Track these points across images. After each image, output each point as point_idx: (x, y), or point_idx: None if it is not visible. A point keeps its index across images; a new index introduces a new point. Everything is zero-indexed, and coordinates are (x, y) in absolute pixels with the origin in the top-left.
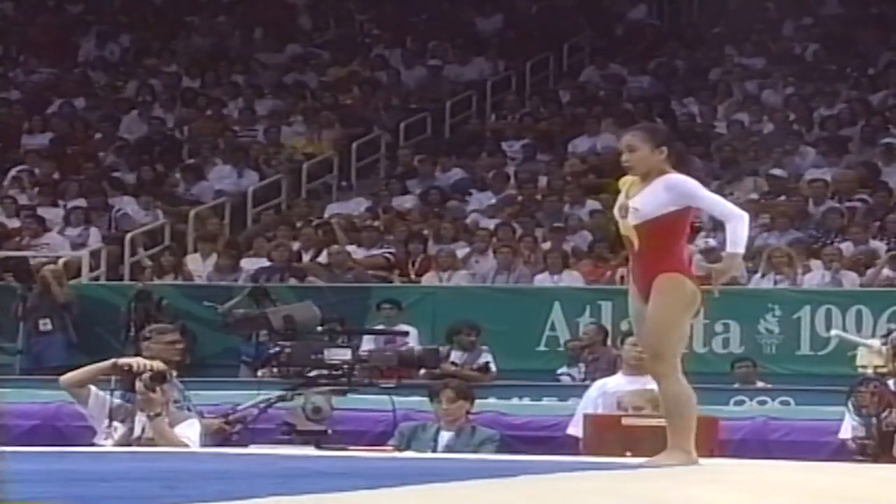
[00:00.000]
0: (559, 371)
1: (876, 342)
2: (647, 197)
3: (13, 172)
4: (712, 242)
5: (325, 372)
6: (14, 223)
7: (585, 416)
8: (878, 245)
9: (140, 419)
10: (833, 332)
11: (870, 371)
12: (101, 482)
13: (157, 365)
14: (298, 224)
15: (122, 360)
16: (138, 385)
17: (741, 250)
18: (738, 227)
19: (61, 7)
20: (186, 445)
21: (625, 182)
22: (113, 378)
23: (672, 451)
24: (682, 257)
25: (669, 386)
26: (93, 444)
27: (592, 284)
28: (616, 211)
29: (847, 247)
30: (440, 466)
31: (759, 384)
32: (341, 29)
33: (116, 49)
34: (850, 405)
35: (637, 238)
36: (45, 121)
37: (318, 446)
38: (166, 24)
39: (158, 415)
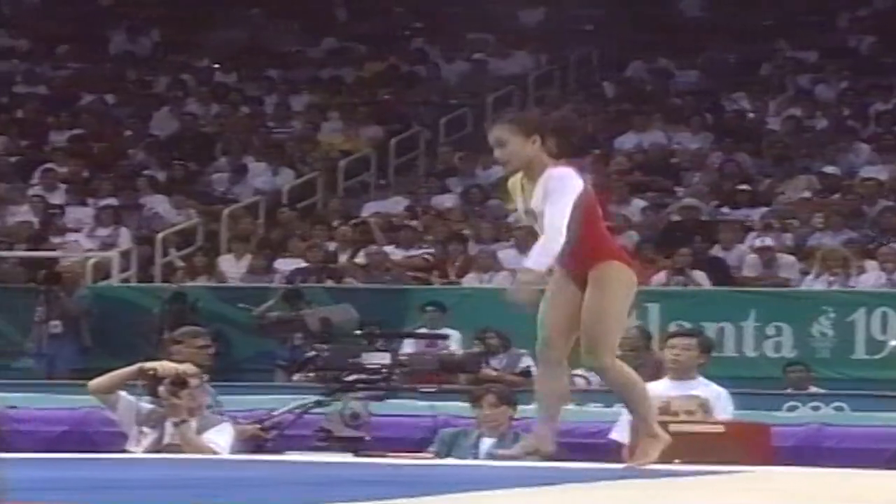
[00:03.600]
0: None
1: None
2: (540, 199)
3: (40, 170)
4: None
5: (362, 376)
6: (42, 222)
7: (632, 423)
8: None
9: (168, 425)
10: (892, 342)
11: None
12: (128, 489)
13: (186, 368)
14: (335, 223)
15: (148, 365)
16: (161, 391)
17: (536, 268)
18: (545, 246)
19: None
20: (214, 452)
21: (514, 184)
22: (138, 383)
23: (646, 442)
24: (609, 243)
25: (616, 376)
26: (124, 451)
27: (639, 286)
28: (523, 216)
29: None
30: (482, 474)
31: (813, 389)
32: (379, 22)
33: (147, 43)
34: None
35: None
36: (74, 117)
37: (356, 453)
38: (198, 17)
39: (184, 421)
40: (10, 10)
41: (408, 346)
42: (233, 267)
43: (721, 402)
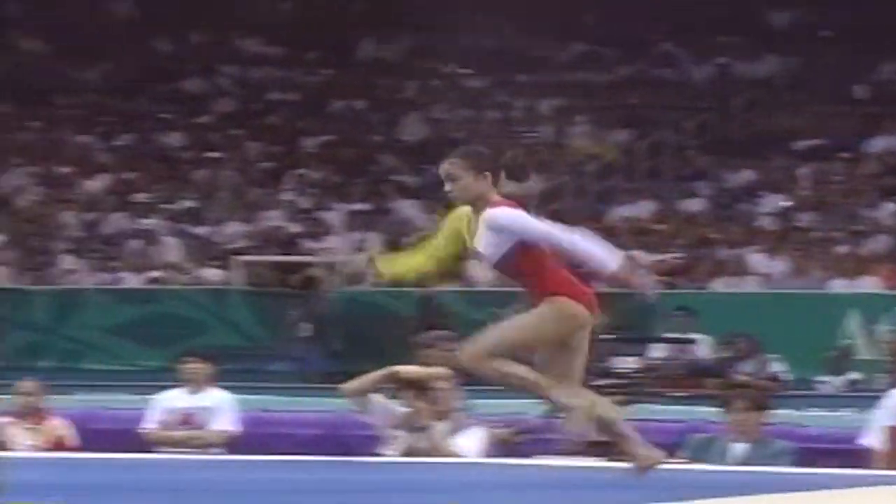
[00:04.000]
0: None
1: None
2: (484, 240)
3: (292, 175)
4: None
5: (612, 381)
6: (294, 227)
7: (889, 429)
8: None
9: (419, 428)
10: None
11: None
12: (382, 493)
13: (439, 372)
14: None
15: (398, 369)
16: (406, 395)
17: (618, 262)
18: (591, 245)
19: (341, 6)
20: (460, 456)
21: (459, 218)
22: (389, 387)
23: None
24: (560, 278)
25: (482, 370)
26: (378, 454)
27: (892, 290)
28: (471, 254)
29: None
30: (735, 479)
31: None
32: (627, 25)
33: (396, 49)
34: None
35: (505, 278)
36: (325, 123)
37: (607, 458)
38: (447, 22)
39: (430, 425)
40: (265, 18)
41: (656, 351)
42: (483, 271)
43: None
